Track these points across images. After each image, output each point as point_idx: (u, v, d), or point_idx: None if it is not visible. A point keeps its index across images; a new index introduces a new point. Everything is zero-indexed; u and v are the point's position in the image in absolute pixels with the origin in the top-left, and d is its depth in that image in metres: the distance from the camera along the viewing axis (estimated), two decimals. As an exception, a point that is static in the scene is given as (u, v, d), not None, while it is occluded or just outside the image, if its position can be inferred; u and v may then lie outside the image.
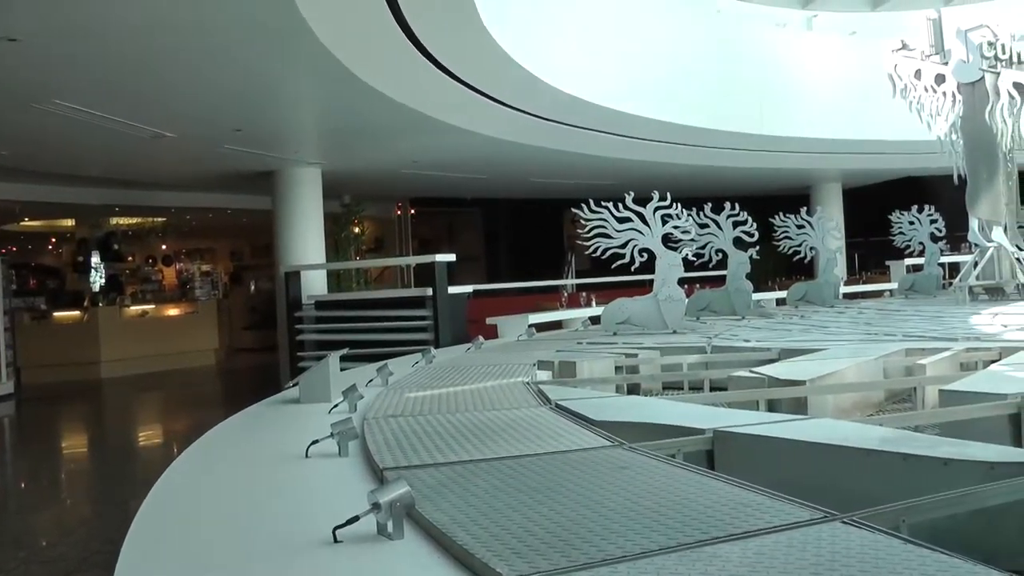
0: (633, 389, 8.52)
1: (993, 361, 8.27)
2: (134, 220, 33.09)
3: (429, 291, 16.76)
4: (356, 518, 2.99)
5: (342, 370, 8.53)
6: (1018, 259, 17.39)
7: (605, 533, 2.86)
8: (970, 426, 5.56)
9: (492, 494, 3.46)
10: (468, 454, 4.27)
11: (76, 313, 27.50)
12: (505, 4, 13.71)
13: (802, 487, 3.79)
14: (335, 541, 2.97)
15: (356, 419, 5.42)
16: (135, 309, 28.48)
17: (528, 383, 6.90)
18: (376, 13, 11.24)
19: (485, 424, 5.12)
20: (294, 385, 7.05)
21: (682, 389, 8.76)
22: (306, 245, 21.00)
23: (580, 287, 24.36)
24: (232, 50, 12.06)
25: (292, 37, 11.33)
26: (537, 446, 4.37)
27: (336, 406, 6.09)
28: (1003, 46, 14.00)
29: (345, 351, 8.03)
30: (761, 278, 21.16)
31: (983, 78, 15.84)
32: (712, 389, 8.09)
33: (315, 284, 20.35)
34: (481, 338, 11.71)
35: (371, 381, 7.60)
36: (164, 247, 36.34)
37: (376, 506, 2.97)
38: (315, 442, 4.57)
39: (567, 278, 26.81)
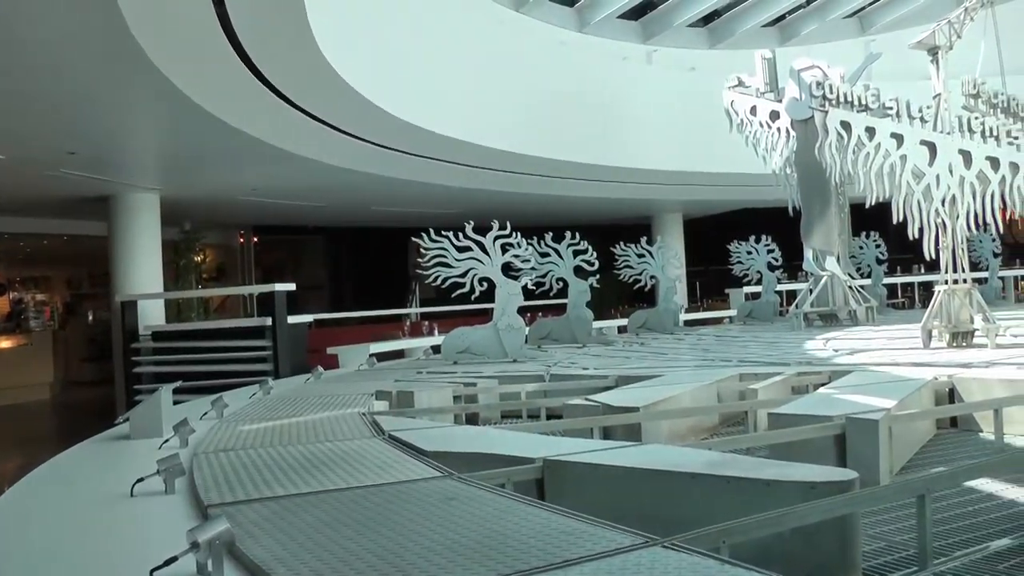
0: (471, 418, 8.57)
1: (823, 384, 8.63)
2: (-38, 247, 31.68)
3: (268, 321, 16.51)
4: (174, 558, 2.93)
5: (178, 403, 8.36)
6: (850, 287, 18.16)
7: (426, 566, 2.87)
8: (798, 447, 5.80)
9: (316, 528, 3.44)
10: (296, 487, 4.24)
11: (-101, 347, 26.15)
12: (345, 33, 13.66)
13: (630, 513, 3.89)
14: (153, 583, 2.91)
15: (187, 454, 5.32)
16: (-39, 342, 27.21)
17: (364, 414, 6.87)
18: (211, 37, 11.05)
19: (316, 456, 5.08)
20: (124, 420, 6.87)
21: (520, 418, 8.85)
22: (144, 273, 20.39)
23: (423, 316, 24.35)
24: (62, 70, 11.68)
25: (124, 58, 11.04)
26: (366, 478, 4.36)
27: (167, 441, 5.96)
28: (831, 86, 14.63)
29: (178, 384, 7.84)
30: (603, 306, 21.54)
31: (813, 116, 16.52)
32: (549, 417, 8.20)
33: (153, 314, 19.77)
34: (321, 368, 11.61)
35: (206, 414, 7.46)
36: (-4, 275, 34.85)
37: (195, 545, 2.92)
38: (141, 480, 4.47)
39: (411, 307, 26.78)
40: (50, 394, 27.94)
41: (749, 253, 20.93)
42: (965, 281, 12.04)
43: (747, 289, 22.90)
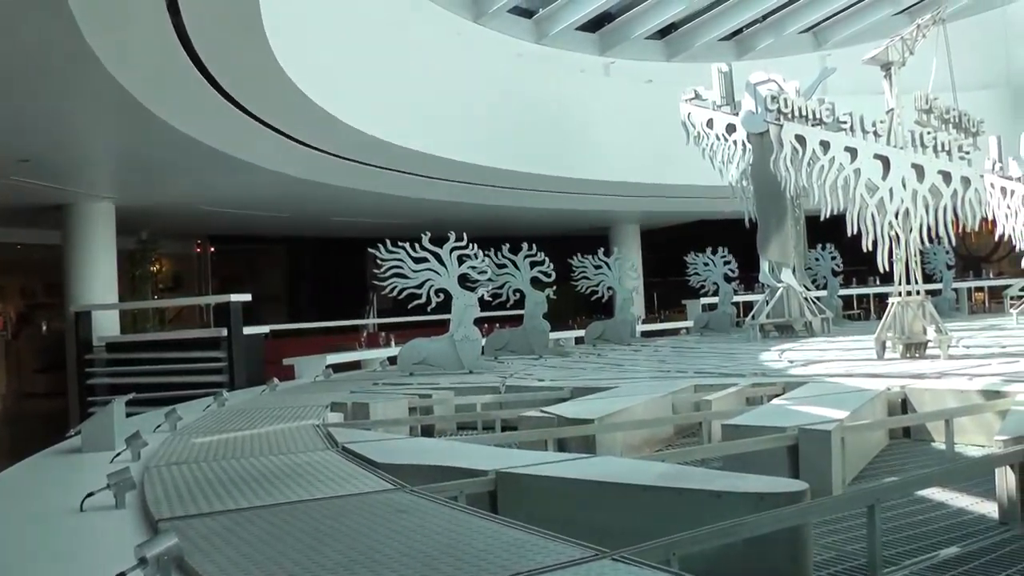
0: (427, 430, 8.55)
1: (777, 395, 8.69)
2: (-91, 256, 31.20)
3: (224, 332, 16.39)
4: (123, 575, 2.89)
5: (132, 416, 8.27)
6: (806, 299, 18.32)
7: (375, 580, 2.87)
8: (752, 458, 5.83)
9: (267, 542, 3.42)
10: (248, 501, 4.21)
11: None
12: (303, 44, 13.61)
13: (583, 525, 3.89)
14: (101, 600, 2.88)
15: (139, 467, 5.27)
16: (-93, 353, 26.77)
17: (318, 426, 6.84)
18: (166, 46, 10.94)
19: (269, 469, 5.04)
20: (76, 433, 6.79)
21: (476, 429, 8.83)
22: (98, 283, 20.14)
23: (381, 327, 24.27)
24: (14, 76, 11.51)
25: (78, 64, 10.93)
26: (318, 491, 4.34)
27: (119, 454, 5.90)
28: (786, 100, 14.76)
29: (131, 396, 7.76)
30: (560, 317, 21.56)
31: (769, 129, 16.67)
32: (504, 429, 8.18)
33: (108, 325, 19.56)
34: (276, 380, 11.55)
35: (159, 427, 7.40)
36: (-55, 285, 34.36)
37: (143, 561, 2.88)
38: (91, 494, 4.42)
39: (369, 318, 26.69)
40: (1, 406, 27.56)
41: (706, 265, 21.08)
42: (918, 293, 12.18)
43: (704, 300, 23.02)
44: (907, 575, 4.22)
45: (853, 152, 12.67)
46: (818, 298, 19.76)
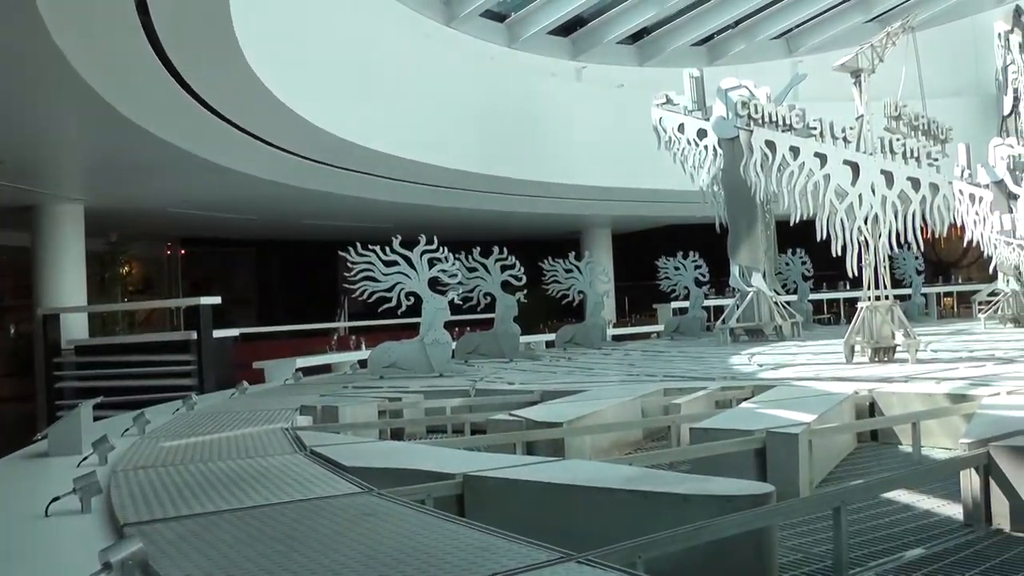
0: (396, 434, 8.54)
1: (746, 399, 8.72)
2: None
3: (193, 335, 16.30)
4: (86, 580, 2.87)
5: (100, 419, 8.22)
6: (776, 303, 18.40)
7: (341, 582, 2.86)
8: (720, 461, 5.85)
9: (233, 546, 3.41)
10: (214, 505, 4.19)
11: None
12: (274, 46, 13.55)
13: (550, 528, 3.90)
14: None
15: (106, 471, 5.24)
16: None
17: (287, 429, 6.81)
18: (135, 46, 10.86)
19: (237, 473, 5.02)
20: (43, 437, 6.74)
21: (445, 432, 8.83)
22: (67, 286, 19.98)
23: (352, 330, 24.21)
24: (-22, 73, 11.46)
25: (46, 65, 10.84)
26: (285, 494, 4.33)
27: (86, 458, 5.85)
28: (756, 105, 14.82)
29: (99, 400, 7.72)
30: (531, 321, 21.57)
31: (739, 135, 16.74)
32: (473, 432, 8.19)
33: (77, 328, 19.41)
34: (246, 383, 11.49)
35: (127, 431, 7.35)
36: (-91, 287, 33.98)
37: (107, 566, 2.86)
38: (56, 499, 4.38)
39: (340, 321, 26.61)
40: (-32, 410, 27.21)
41: (677, 269, 21.16)
42: (887, 298, 12.26)
43: (675, 304, 23.08)
44: (873, 576, 4.26)
45: (823, 158, 12.74)
46: (788, 302, 19.86)
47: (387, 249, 12.63)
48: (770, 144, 13.67)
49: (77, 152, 16.85)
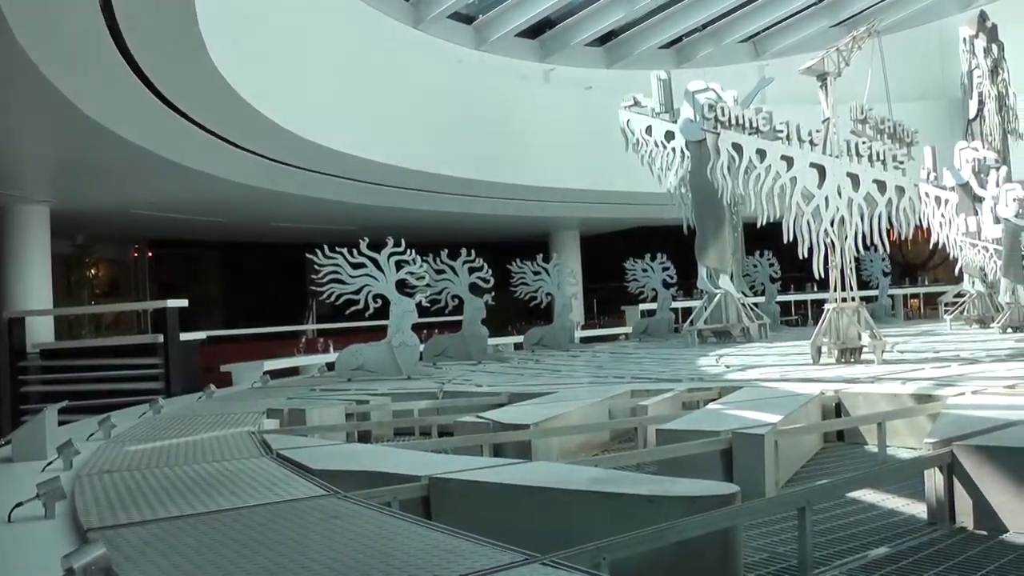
0: (364, 436, 8.51)
1: (713, 400, 8.76)
2: None
3: (160, 338, 16.19)
4: (48, 586, 2.84)
5: (66, 424, 8.15)
6: (744, 304, 18.50)
7: (305, 586, 2.85)
8: (686, 462, 5.87)
9: (196, 550, 3.39)
10: (179, 509, 4.16)
11: None
12: (240, 47, 13.47)
13: (516, 530, 3.90)
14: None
15: (70, 476, 5.19)
16: None
17: (254, 433, 6.78)
18: (100, 45, 10.74)
19: (202, 477, 4.99)
20: (7, 443, 6.67)
21: (413, 435, 8.83)
22: (32, 289, 19.78)
23: (320, 333, 24.14)
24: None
25: (9, 64, 10.72)
26: (251, 498, 4.31)
27: (50, 463, 5.80)
28: (723, 108, 14.89)
29: (64, 404, 7.65)
30: (499, 323, 21.58)
31: (707, 137, 16.81)
32: (441, 434, 8.19)
33: (42, 331, 19.23)
34: (212, 386, 11.43)
35: (92, 435, 7.28)
36: None
37: (70, 572, 2.83)
38: (19, 504, 4.34)
39: (308, 323, 26.53)
40: (-70, 415, 26.91)
41: (644, 271, 21.21)
42: (854, 299, 12.35)
43: (643, 306, 23.14)
44: (838, 575, 4.28)
45: (789, 161, 12.83)
46: (756, 304, 19.98)
47: (354, 251, 12.61)
48: (737, 147, 13.75)
49: (42, 153, 16.70)
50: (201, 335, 18.11)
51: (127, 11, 10.06)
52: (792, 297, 28.34)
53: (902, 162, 12.93)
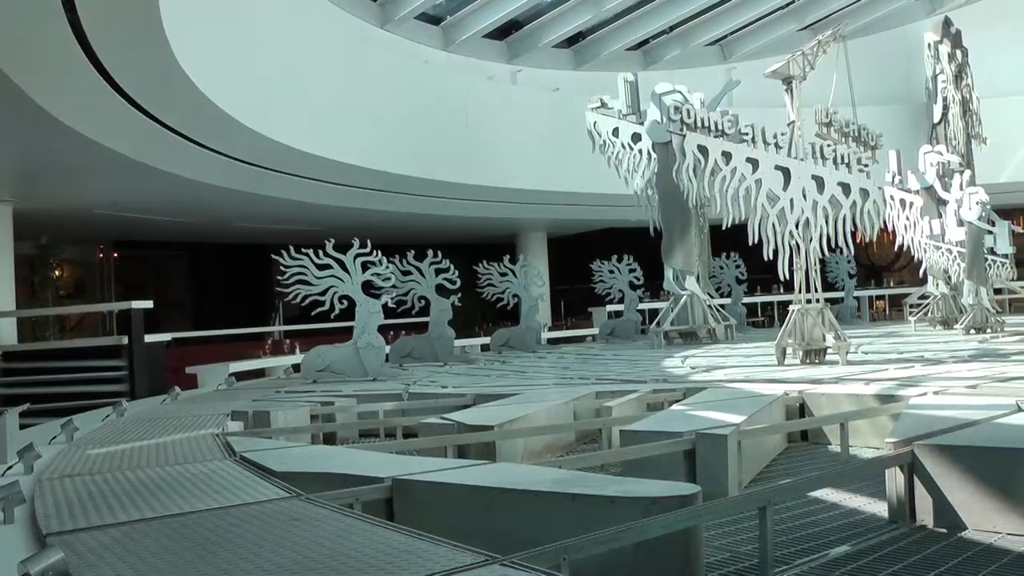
0: (329, 438, 8.50)
1: (677, 401, 8.79)
2: None
3: (124, 340, 16.06)
4: (4, 590, 2.82)
5: (28, 427, 8.09)
6: (710, 306, 18.58)
7: (265, 588, 2.84)
8: (650, 463, 5.90)
9: (156, 554, 3.37)
10: (140, 512, 4.13)
11: None
12: (206, 47, 13.40)
13: (477, 531, 3.91)
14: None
15: (30, 480, 5.14)
16: None
17: (217, 435, 6.75)
18: (62, 43, 10.64)
19: (165, 480, 4.97)
20: (-34, 447, 6.61)
21: (378, 436, 8.82)
22: (-6, 290, 19.67)
23: (287, 334, 24.05)
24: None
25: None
26: (213, 501, 4.28)
27: (11, 467, 5.75)
28: (689, 110, 14.96)
29: (25, 407, 7.59)
30: (465, 324, 21.58)
31: (672, 139, 16.92)
32: (406, 436, 8.18)
33: (5, 333, 19.01)
34: (178, 388, 11.37)
35: (54, 438, 7.22)
36: None
37: (26, 577, 2.82)
38: (-23, 509, 4.31)
39: (274, 325, 26.42)
40: None
41: (611, 272, 21.30)
42: (818, 301, 12.44)
43: (610, 308, 23.21)
44: (798, 574, 4.31)
45: (755, 163, 12.93)
46: (722, 306, 20.07)
47: (320, 252, 12.59)
48: (702, 149, 13.84)
49: (3, 151, 16.50)
50: (167, 337, 17.98)
51: (90, 8, 9.97)
52: (759, 299, 28.53)
53: (867, 165, 13.01)
